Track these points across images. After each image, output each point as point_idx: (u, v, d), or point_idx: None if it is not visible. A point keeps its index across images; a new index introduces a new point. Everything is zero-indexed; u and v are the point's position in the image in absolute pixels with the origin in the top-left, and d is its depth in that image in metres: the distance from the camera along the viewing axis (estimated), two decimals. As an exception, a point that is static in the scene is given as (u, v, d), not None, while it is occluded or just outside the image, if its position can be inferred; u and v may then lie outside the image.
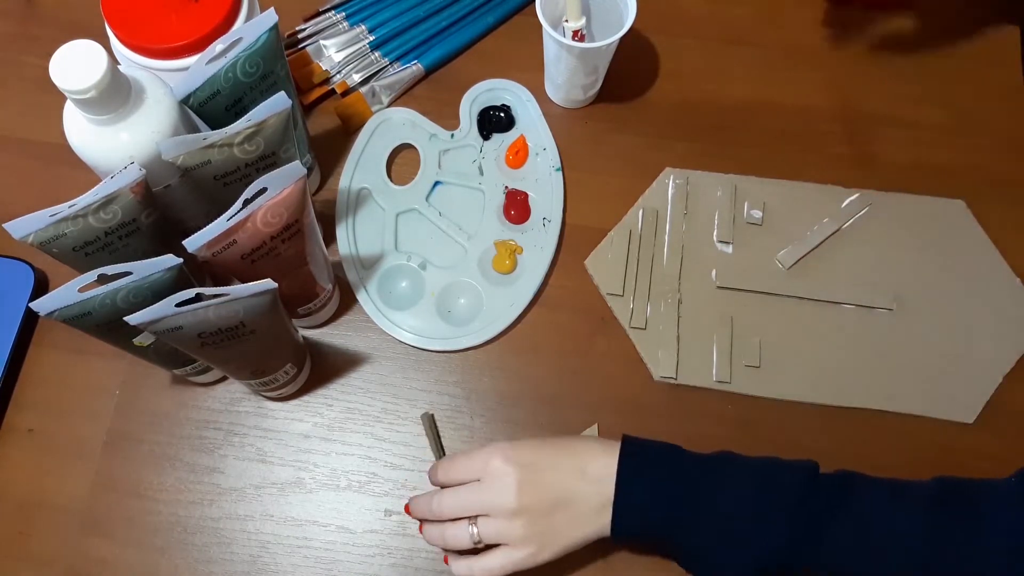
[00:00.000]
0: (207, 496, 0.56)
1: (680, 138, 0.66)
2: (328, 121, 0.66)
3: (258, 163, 0.48)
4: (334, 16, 0.69)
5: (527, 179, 0.64)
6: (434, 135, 0.65)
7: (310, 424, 0.57)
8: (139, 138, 0.48)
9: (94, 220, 0.45)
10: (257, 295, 0.43)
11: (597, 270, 0.61)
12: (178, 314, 0.42)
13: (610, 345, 0.59)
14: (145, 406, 0.58)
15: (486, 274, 0.61)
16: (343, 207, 0.63)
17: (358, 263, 0.61)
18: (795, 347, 0.59)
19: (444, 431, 0.57)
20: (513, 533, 0.46)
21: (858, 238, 0.62)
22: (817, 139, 0.66)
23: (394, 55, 0.68)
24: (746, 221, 0.62)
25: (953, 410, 0.57)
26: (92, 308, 0.44)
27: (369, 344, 0.60)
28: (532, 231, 0.62)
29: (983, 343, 0.59)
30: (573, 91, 0.64)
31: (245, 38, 0.48)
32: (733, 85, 0.68)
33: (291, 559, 0.54)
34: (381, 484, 0.56)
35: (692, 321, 0.60)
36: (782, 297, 0.60)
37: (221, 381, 0.58)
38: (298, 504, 0.55)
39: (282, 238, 0.47)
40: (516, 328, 0.60)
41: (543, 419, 0.57)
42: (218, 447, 0.57)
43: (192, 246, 0.44)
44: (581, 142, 0.65)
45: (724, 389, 0.58)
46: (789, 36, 0.70)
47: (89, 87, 0.44)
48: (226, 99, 0.49)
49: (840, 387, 0.58)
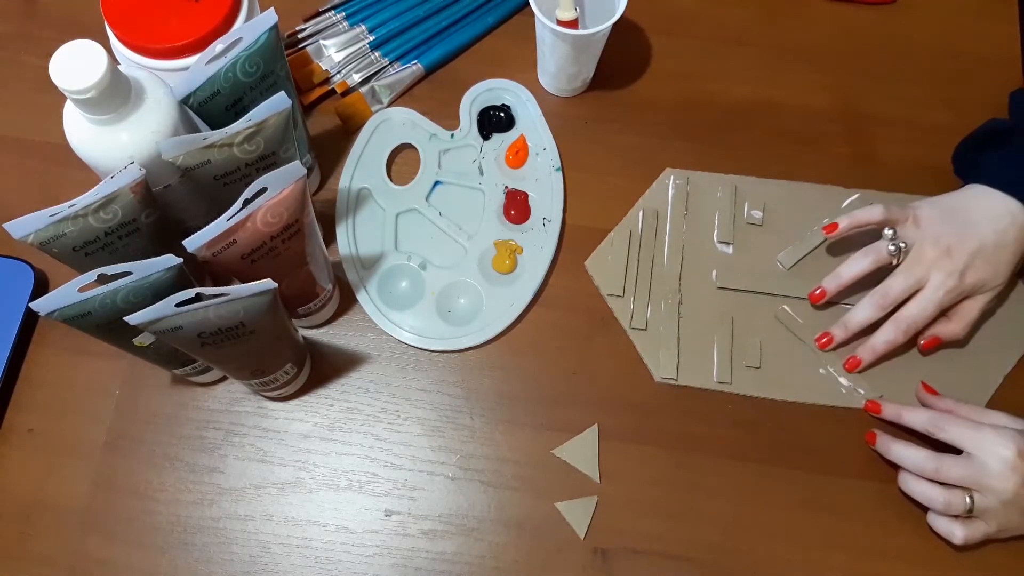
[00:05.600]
0: (207, 496, 0.56)
1: (680, 138, 0.66)
2: (328, 121, 0.66)
3: (258, 163, 0.48)
4: (334, 16, 0.69)
5: (527, 179, 0.64)
6: (434, 135, 0.65)
7: (310, 424, 0.57)
8: (139, 138, 0.48)
9: (94, 220, 0.45)
10: (257, 295, 0.43)
11: (597, 271, 0.61)
12: (178, 314, 0.42)
13: (610, 346, 0.59)
14: (145, 406, 0.58)
15: (486, 274, 0.61)
16: (343, 207, 0.63)
17: (358, 263, 0.61)
18: (795, 348, 0.59)
19: (444, 431, 0.57)
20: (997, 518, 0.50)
21: (858, 238, 0.62)
22: (817, 139, 0.66)
23: (394, 55, 0.68)
24: (746, 221, 0.62)
25: (953, 410, 0.57)
26: (92, 308, 0.44)
27: (369, 344, 0.60)
28: (532, 231, 0.62)
29: (983, 343, 0.59)
30: (565, 80, 0.65)
31: (245, 38, 0.48)
32: (733, 85, 0.68)
33: (291, 559, 0.54)
34: (381, 484, 0.56)
35: (692, 322, 0.60)
36: (783, 298, 0.60)
37: (221, 381, 0.58)
38: (298, 504, 0.55)
39: (282, 238, 0.47)
40: (516, 328, 0.60)
41: (543, 419, 0.57)
42: (218, 447, 0.57)
43: (192, 246, 0.44)
44: (581, 142, 0.65)
45: (725, 390, 0.58)
46: (789, 36, 0.70)
47: (89, 87, 0.44)
48: (226, 99, 0.49)
49: (840, 388, 0.58)
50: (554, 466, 0.56)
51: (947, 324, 0.57)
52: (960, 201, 0.57)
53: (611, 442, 0.57)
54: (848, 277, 0.57)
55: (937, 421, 0.53)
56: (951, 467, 0.51)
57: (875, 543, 0.54)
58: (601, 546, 0.54)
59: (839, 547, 0.54)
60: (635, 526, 0.54)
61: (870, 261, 0.57)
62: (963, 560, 0.53)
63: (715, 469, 0.56)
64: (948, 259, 0.55)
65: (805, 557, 0.54)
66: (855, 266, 0.57)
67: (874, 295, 0.57)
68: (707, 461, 0.56)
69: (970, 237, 0.55)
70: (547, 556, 0.54)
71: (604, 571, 0.53)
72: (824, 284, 0.58)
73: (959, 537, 0.51)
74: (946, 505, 0.51)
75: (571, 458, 0.56)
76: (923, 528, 0.54)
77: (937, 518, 0.53)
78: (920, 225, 0.57)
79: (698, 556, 0.54)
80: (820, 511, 0.55)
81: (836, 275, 0.58)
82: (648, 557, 0.54)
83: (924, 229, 0.56)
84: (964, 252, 0.55)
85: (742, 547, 0.54)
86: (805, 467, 0.56)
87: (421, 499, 0.55)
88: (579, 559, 0.54)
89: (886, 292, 0.56)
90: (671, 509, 0.55)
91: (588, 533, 0.54)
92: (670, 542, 0.54)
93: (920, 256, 0.56)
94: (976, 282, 0.55)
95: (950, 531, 0.52)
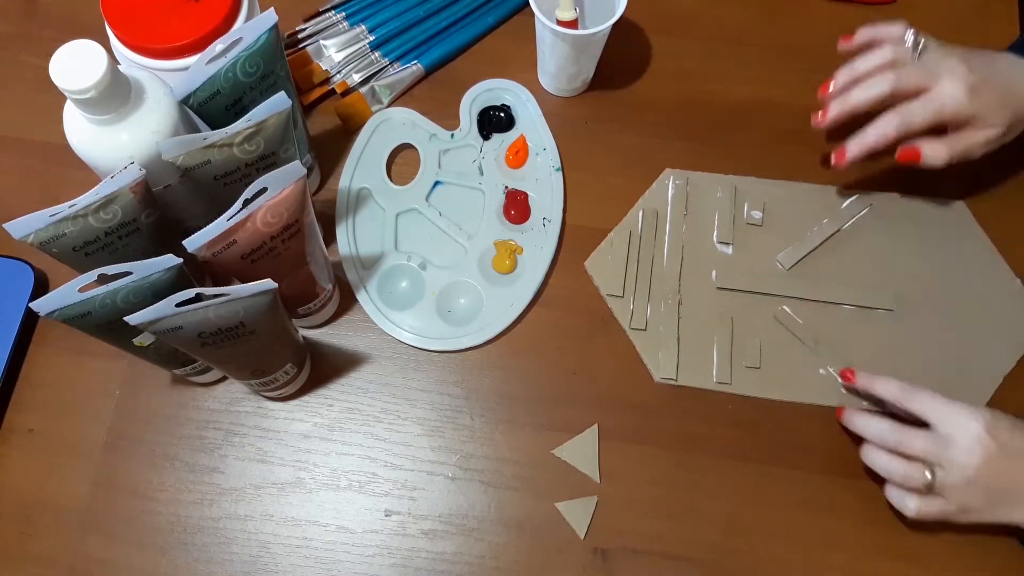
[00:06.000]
0: (207, 496, 0.56)
1: (680, 138, 0.66)
2: (328, 121, 0.66)
3: (258, 163, 0.48)
4: (334, 16, 0.69)
5: (527, 179, 0.64)
6: (434, 135, 0.65)
7: (310, 424, 0.57)
8: (139, 138, 0.48)
9: (94, 220, 0.45)
10: (257, 295, 0.43)
11: (597, 271, 0.61)
12: (178, 314, 0.42)
13: (610, 346, 0.59)
14: (145, 406, 0.58)
15: (486, 274, 0.61)
16: (343, 207, 0.63)
17: (358, 263, 0.61)
18: (795, 348, 0.59)
19: (444, 431, 0.57)
20: (959, 496, 0.49)
21: (858, 239, 0.62)
22: (817, 139, 0.66)
23: (394, 55, 0.68)
24: (746, 222, 0.62)
25: (953, 410, 0.57)
26: (92, 308, 0.44)
27: (369, 344, 0.60)
28: (532, 231, 0.62)
29: (983, 343, 0.59)
30: (565, 80, 0.65)
31: (245, 38, 0.48)
32: (733, 85, 0.68)
33: (291, 559, 0.54)
34: (381, 484, 0.56)
35: (692, 322, 0.60)
36: (782, 298, 0.60)
37: (221, 381, 0.58)
38: (298, 504, 0.55)
39: (282, 238, 0.47)
40: (516, 328, 0.60)
41: (543, 419, 0.57)
42: (218, 447, 0.57)
43: (192, 246, 0.44)
44: (581, 142, 0.65)
45: (724, 390, 0.58)
46: (789, 36, 0.70)
47: (89, 87, 0.44)
48: (226, 99, 0.49)
49: (840, 388, 0.58)
50: (554, 466, 0.56)
51: (934, 143, 0.56)
52: (991, 55, 0.57)
53: (611, 442, 0.57)
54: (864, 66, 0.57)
55: (907, 390, 0.53)
56: (913, 438, 0.51)
57: (875, 543, 0.54)
58: (601, 546, 0.54)
59: (839, 547, 0.54)
60: (635, 526, 0.55)
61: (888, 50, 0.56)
62: (963, 560, 0.53)
63: (715, 469, 0.56)
64: (965, 69, 0.54)
65: (805, 557, 0.54)
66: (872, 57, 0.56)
67: (885, 76, 0.56)
68: (707, 461, 0.56)
69: (987, 69, 0.55)
70: (547, 556, 0.54)
71: (604, 571, 0.53)
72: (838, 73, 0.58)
73: (911, 509, 0.50)
74: (905, 477, 0.50)
75: (571, 458, 0.56)
76: (923, 527, 0.54)
77: (892, 489, 0.52)
78: (945, 47, 0.56)
79: (698, 556, 0.54)
80: (820, 511, 0.55)
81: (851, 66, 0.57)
82: (648, 557, 0.54)
83: (948, 48, 0.56)
84: (975, 77, 0.54)
85: (742, 547, 0.54)
86: (805, 467, 0.56)
87: (421, 499, 0.55)
88: (579, 559, 0.54)
89: (892, 79, 0.55)
90: (671, 509, 0.55)
91: (588, 533, 0.54)
92: (670, 542, 0.54)
93: (931, 63, 0.55)
94: (981, 107, 0.54)
95: (902, 503, 0.51)
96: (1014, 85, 0.55)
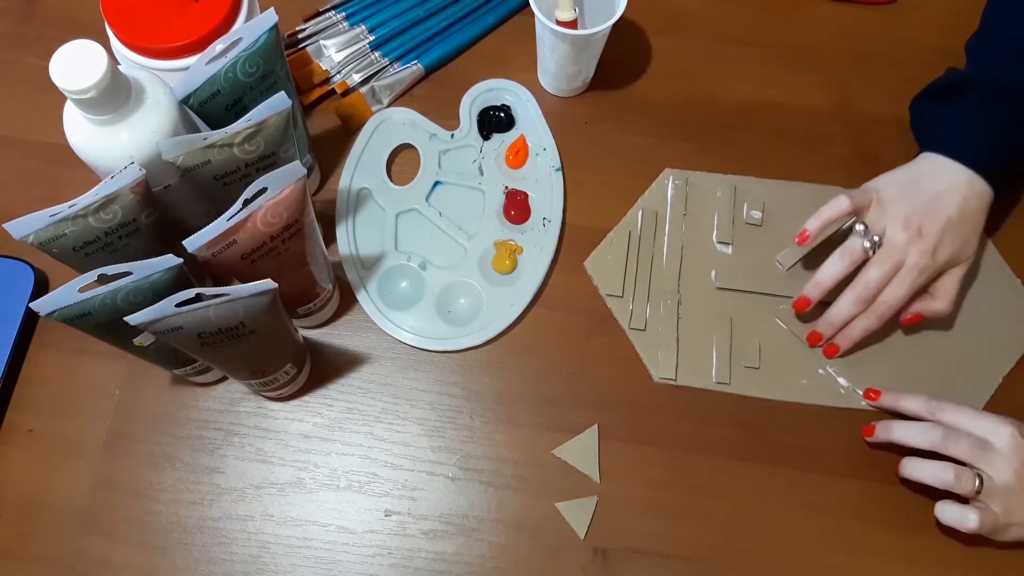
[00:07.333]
0: (207, 496, 0.56)
1: (680, 138, 0.66)
2: (328, 121, 0.66)
3: (258, 163, 0.48)
4: (334, 16, 0.69)
5: (527, 179, 0.64)
6: (434, 135, 0.65)
7: (310, 424, 0.57)
8: (139, 138, 0.48)
9: (94, 220, 0.45)
10: (257, 295, 0.43)
11: (597, 271, 0.61)
12: (178, 314, 0.42)
13: (610, 346, 0.59)
14: (145, 406, 0.58)
15: (486, 274, 0.61)
16: (343, 207, 0.63)
17: (358, 263, 0.61)
18: (795, 348, 0.59)
19: (444, 431, 0.57)
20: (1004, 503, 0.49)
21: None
22: (817, 139, 0.66)
23: (394, 55, 0.68)
24: (745, 222, 0.62)
25: (953, 410, 0.57)
26: (92, 308, 0.44)
27: (369, 344, 0.60)
28: (532, 231, 0.62)
29: (983, 343, 0.59)
30: (565, 80, 0.65)
31: (245, 38, 0.48)
32: (733, 85, 0.68)
33: (291, 559, 0.54)
34: (381, 484, 0.56)
35: (691, 322, 0.60)
36: (782, 298, 0.60)
37: (221, 381, 0.58)
38: (298, 504, 0.55)
39: (282, 238, 0.47)
40: (516, 328, 0.60)
41: (543, 419, 0.57)
42: (218, 447, 0.57)
43: (192, 246, 0.44)
44: (581, 142, 0.65)
45: (724, 390, 0.58)
46: (789, 36, 0.70)
47: (89, 87, 0.44)
48: (226, 99, 0.49)
49: (840, 388, 0.58)
50: (554, 466, 0.56)
51: (931, 302, 0.57)
52: (918, 173, 0.57)
53: (611, 442, 0.57)
54: (829, 281, 0.56)
55: (935, 404, 0.53)
56: (959, 438, 0.50)
57: (875, 543, 0.54)
58: (601, 546, 0.54)
59: (839, 547, 0.54)
60: (635, 526, 0.55)
61: (847, 263, 0.56)
62: (963, 560, 0.53)
63: (715, 469, 0.56)
64: (920, 240, 0.55)
65: (805, 557, 0.54)
66: (833, 269, 0.56)
67: (855, 287, 0.56)
68: (707, 461, 0.56)
69: (937, 213, 0.55)
70: (547, 556, 0.54)
71: (604, 571, 0.53)
72: (806, 291, 0.57)
73: (974, 522, 0.49)
74: (957, 479, 0.49)
75: (571, 458, 0.56)
76: (923, 527, 0.54)
77: (946, 507, 0.51)
78: (885, 207, 0.56)
79: (698, 556, 0.54)
80: (820, 511, 0.55)
81: (816, 282, 0.57)
82: (648, 557, 0.54)
83: (889, 210, 0.56)
84: (934, 230, 0.54)
85: (742, 547, 0.54)
86: (805, 467, 0.56)
87: (421, 499, 0.55)
88: (579, 559, 0.54)
89: (867, 284, 0.55)
90: (671, 509, 0.55)
91: (588, 533, 0.54)
92: (670, 542, 0.54)
93: (893, 242, 0.55)
94: (949, 257, 0.55)
95: (963, 517, 0.49)
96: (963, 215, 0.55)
